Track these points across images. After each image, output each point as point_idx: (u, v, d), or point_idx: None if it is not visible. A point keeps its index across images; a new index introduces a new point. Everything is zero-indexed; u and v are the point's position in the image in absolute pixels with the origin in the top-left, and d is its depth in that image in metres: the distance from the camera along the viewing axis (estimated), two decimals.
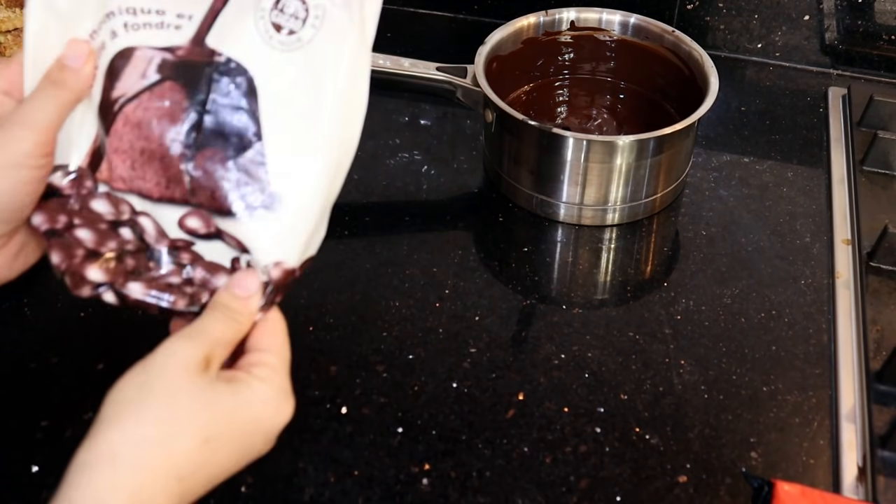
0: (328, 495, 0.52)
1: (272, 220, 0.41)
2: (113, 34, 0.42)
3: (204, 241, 0.43)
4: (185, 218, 0.42)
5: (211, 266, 0.43)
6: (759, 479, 0.51)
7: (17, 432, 0.55)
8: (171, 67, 0.42)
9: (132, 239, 0.43)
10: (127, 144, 0.42)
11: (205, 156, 0.41)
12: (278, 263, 0.42)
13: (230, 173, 0.41)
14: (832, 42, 0.90)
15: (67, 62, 0.41)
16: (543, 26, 0.79)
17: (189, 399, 0.38)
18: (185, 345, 0.39)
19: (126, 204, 0.43)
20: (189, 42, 0.41)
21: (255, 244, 0.42)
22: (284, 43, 0.40)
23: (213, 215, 0.42)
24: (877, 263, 0.66)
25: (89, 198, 0.43)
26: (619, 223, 0.72)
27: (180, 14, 0.42)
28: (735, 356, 0.61)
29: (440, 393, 0.58)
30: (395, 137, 0.80)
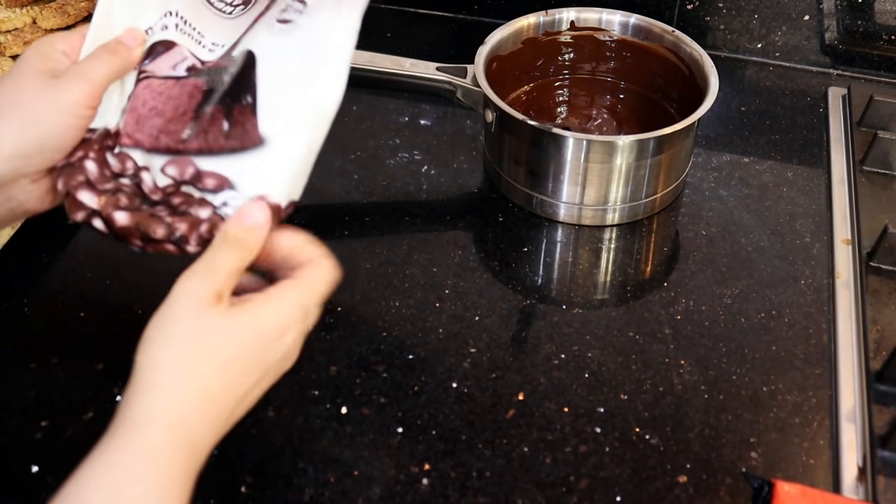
0: (328, 495, 0.52)
1: (257, 157, 0.47)
2: (164, 27, 0.51)
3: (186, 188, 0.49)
4: (165, 166, 0.49)
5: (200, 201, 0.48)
6: (759, 479, 0.51)
7: (17, 432, 0.55)
8: (199, 72, 0.51)
9: (129, 185, 0.49)
10: (139, 103, 0.50)
11: (207, 113, 0.49)
12: (262, 197, 0.46)
13: (225, 120, 0.49)
14: (832, 42, 0.90)
15: (124, 40, 0.50)
16: (543, 26, 0.79)
17: (206, 330, 0.42)
18: (197, 284, 0.43)
19: (130, 160, 0.49)
20: (217, 58, 0.51)
21: (239, 179, 0.47)
22: (283, 31, 0.49)
23: (201, 157, 0.48)
24: (877, 263, 0.66)
25: (105, 150, 0.49)
26: (619, 223, 0.72)
27: (214, 43, 0.51)
28: (735, 356, 0.61)
29: (440, 393, 0.58)
30: (395, 137, 0.80)
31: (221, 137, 0.48)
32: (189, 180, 0.48)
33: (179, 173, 0.48)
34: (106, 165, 0.49)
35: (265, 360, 0.44)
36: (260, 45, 0.50)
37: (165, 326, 0.42)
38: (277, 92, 0.49)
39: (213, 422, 0.42)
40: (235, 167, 0.48)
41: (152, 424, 0.40)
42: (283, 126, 0.48)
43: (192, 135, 0.49)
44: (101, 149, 0.49)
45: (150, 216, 0.47)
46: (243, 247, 0.45)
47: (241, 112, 0.48)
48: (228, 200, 0.47)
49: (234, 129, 0.48)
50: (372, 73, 0.72)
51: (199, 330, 0.42)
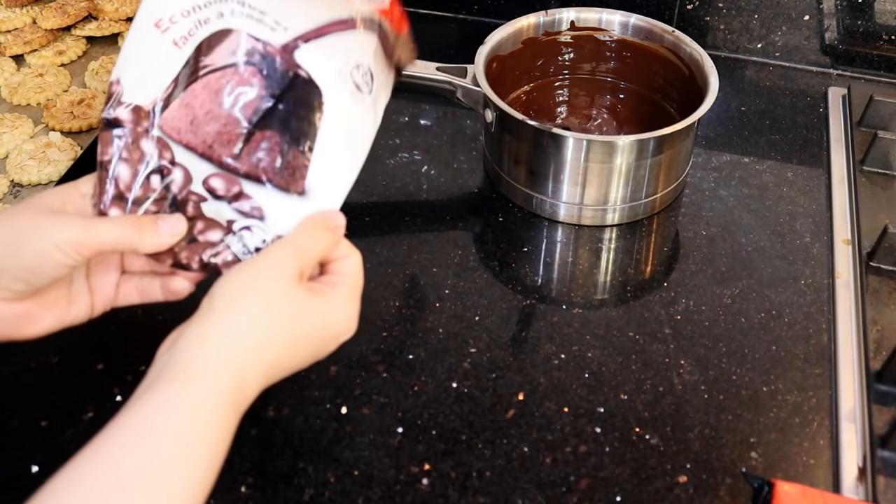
0: (328, 495, 0.52)
1: (297, 204, 0.49)
2: (220, 15, 0.49)
3: (215, 202, 0.50)
4: (210, 177, 0.50)
5: (209, 222, 0.50)
6: (759, 479, 0.51)
7: (17, 432, 0.55)
8: (259, 57, 0.49)
9: (158, 188, 0.50)
10: (197, 103, 0.49)
11: (265, 134, 0.49)
12: (282, 237, 0.49)
13: (279, 156, 0.49)
14: (832, 42, 0.90)
15: (161, 225, 0.48)
16: (543, 26, 0.79)
17: (285, 302, 0.44)
18: (286, 256, 0.45)
19: (170, 150, 0.50)
20: (280, 46, 0.49)
21: (272, 214, 0.50)
22: (353, 95, 0.50)
23: (247, 181, 0.49)
24: (877, 263, 0.66)
25: (142, 136, 0.50)
26: (619, 223, 0.72)
27: (278, 21, 0.49)
28: (735, 356, 0.61)
29: (440, 393, 0.58)
30: (395, 137, 0.80)
31: (272, 171, 0.49)
32: (230, 197, 0.50)
33: (225, 189, 0.50)
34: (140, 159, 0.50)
35: (320, 350, 0.47)
36: (332, 96, 0.50)
37: (248, 280, 0.44)
38: (332, 151, 0.50)
39: (260, 388, 0.44)
40: (272, 202, 0.50)
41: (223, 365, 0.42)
42: (328, 187, 0.50)
43: (243, 153, 0.50)
44: (139, 136, 0.50)
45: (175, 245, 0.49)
46: (331, 238, 0.48)
47: (297, 157, 0.49)
48: (252, 226, 0.50)
49: (285, 170, 0.49)
50: None
51: (280, 298, 0.44)
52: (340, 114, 0.50)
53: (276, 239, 0.49)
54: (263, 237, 0.50)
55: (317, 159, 0.50)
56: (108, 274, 0.51)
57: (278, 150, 0.49)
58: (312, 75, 0.49)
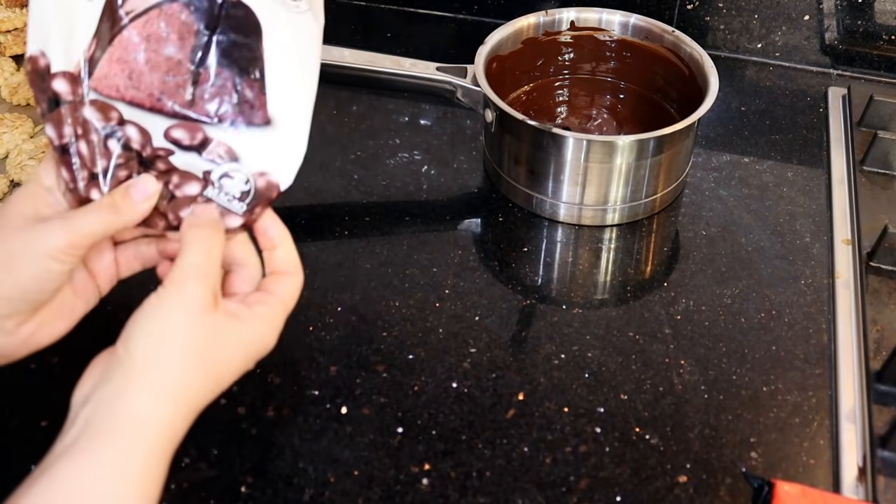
0: (328, 495, 0.52)
1: (266, 135, 0.47)
2: None
3: (183, 153, 0.47)
4: (171, 129, 0.47)
5: (184, 175, 0.47)
6: (759, 479, 0.51)
7: (17, 432, 0.55)
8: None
9: (119, 152, 0.47)
10: (130, 55, 0.46)
11: (211, 72, 0.47)
12: (263, 174, 0.47)
13: (233, 91, 0.47)
14: (832, 42, 0.90)
15: (132, 193, 0.45)
16: (543, 26, 0.79)
17: (203, 336, 0.42)
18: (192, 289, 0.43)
19: (114, 111, 0.47)
20: None
21: (245, 153, 0.47)
22: (286, 5, 0.47)
23: (209, 125, 0.47)
24: (877, 263, 0.66)
25: (80, 104, 0.46)
26: (619, 223, 0.72)
27: None
28: (735, 356, 0.61)
29: (440, 393, 0.58)
30: (395, 137, 0.80)
31: (230, 109, 0.47)
32: (196, 146, 0.47)
33: (189, 138, 0.47)
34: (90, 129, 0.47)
35: (242, 369, 0.45)
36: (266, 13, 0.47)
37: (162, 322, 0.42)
38: (282, 71, 0.48)
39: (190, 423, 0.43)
40: (241, 140, 0.47)
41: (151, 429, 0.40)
42: (290, 110, 0.48)
43: (195, 98, 0.47)
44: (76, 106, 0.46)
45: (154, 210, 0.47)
46: (222, 240, 0.46)
47: (250, 87, 0.47)
48: (230, 171, 0.47)
49: (243, 104, 0.47)
50: (372, 73, 0.72)
51: (198, 334, 0.42)
52: (280, 30, 0.47)
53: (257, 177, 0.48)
54: (245, 179, 0.48)
55: (271, 84, 0.47)
56: (103, 254, 0.49)
57: (231, 85, 0.47)
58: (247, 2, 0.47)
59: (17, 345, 0.46)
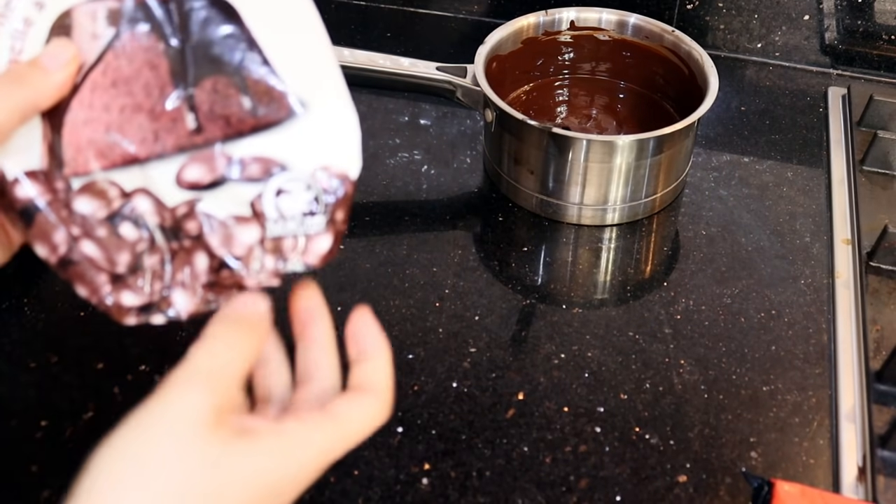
0: (328, 495, 0.52)
1: (303, 124, 0.38)
2: (39, 5, 0.37)
3: (210, 192, 0.38)
4: (183, 171, 0.38)
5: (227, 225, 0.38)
6: (759, 479, 0.51)
7: (17, 432, 0.55)
8: (123, 14, 0.38)
9: (138, 235, 0.38)
10: (101, 111, 0.38)
11: (205, 87, 0.38)
12: (325, 168, 0.38)
13: (241, 93, 0.38)
14: (832, 42, 0.90)
15: (43, 60, 0.36)
16: (543, 26, 0.79)
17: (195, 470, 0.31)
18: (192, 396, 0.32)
19: (113, 186, 0.38)
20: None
21: (289, 155, 0.38)
22: None
23: (228, 143, 0.38)
24: (877, 263, 0.66)
25: (70, 199, 0.38)
26: (619, 223, 0.72)
27: None
28: (735, 356, 0.61)
29: (440, 393, 0.58)
30: (395, 137, 0.80)
31: (247, 115, 0.38)
32: (221, 176, 0.38)
33: (209, 171, 0.37)
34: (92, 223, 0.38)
35: None
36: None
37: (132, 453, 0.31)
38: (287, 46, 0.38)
39: None
40: (276, 143, 0.38)
41: None
42: (317, 84, 0.38)
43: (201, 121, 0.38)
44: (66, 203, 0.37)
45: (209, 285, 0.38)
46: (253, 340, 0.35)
47: (259, 78, 0.38)
48: (283, 186, 0.38)
49: (259, 103, 0.38)
50: (372, 73, 0.72)
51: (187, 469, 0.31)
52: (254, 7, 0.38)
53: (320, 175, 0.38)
54: (306, 185, 0.38)
55: (282, 65, 0.38)
56: None
57: (235, 87, 0.38)
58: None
59: None
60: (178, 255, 0.38)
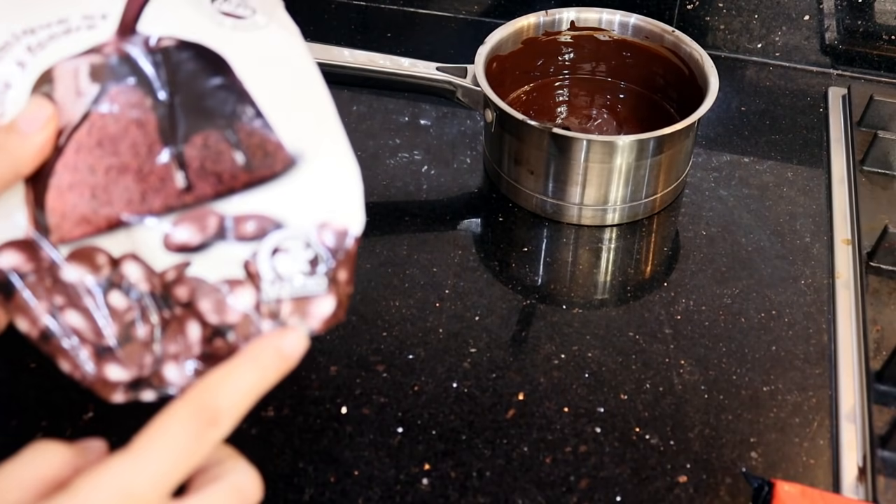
0: (328, 495, 0.52)
1: (300, 177, 0.36)
2: (20, 65, 0.35)
3: (201, 255, 0.36)
4: (171, 234, 0.35)
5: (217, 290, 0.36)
6: (759, 479, 0.51)
7: (17, 432, 0.55)
8: (108, 69, 0.36)
9: (126, 304, 0.36)
10: (86, 173, 0.35)
11: (195, 143, 0.36)
12: (324, 225, 0.36)
13: (234, 148, 0.36)
14: (832, 42, 0.90)
15: (20, 125, 0.33)
16: (543, 26, 0.79)
17: None
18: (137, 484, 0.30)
19: (100, 253, 0.36)
20: (115, 35, 0.36)
21: (288, 212, 0.36)
22: (240, 27, 0.37)
23: (220, 200, 0.36)
24: (877, 263, 0.66)
25: (56, 270, 0.36)
26: (619, 223, 0.72)
27: (87, 15, 0.36)
28: (735, 356, 0.61)
29: (440, 393, 0.58)
30: (395, 137, 0.80)
31: (240, 170, 0.36)
32: (213, 236, 0.35)
33: (199, 230, 0.35)
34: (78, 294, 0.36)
35: None
36: (214, 39, 0.37)
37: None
38: (281, 97, 0.37)
39: None
40: (271, 200, 0.36)
41: None
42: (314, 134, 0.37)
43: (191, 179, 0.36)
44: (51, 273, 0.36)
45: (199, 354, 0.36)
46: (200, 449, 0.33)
47: (252, 131, 0.36)
48: (280, 245, 0.36)
49: (252, 158, 0.36)
50: (372, 73, 0.72)
51: None
52: (249, 52, 0.37)
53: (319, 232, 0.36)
54: (304, 244, 0.36)
55: (275, 116, 0.36)
56: None
57: (227, 142, 0.36)
58: (181, 36, 0.36)
59: None
60: (170, 325, 0.36)
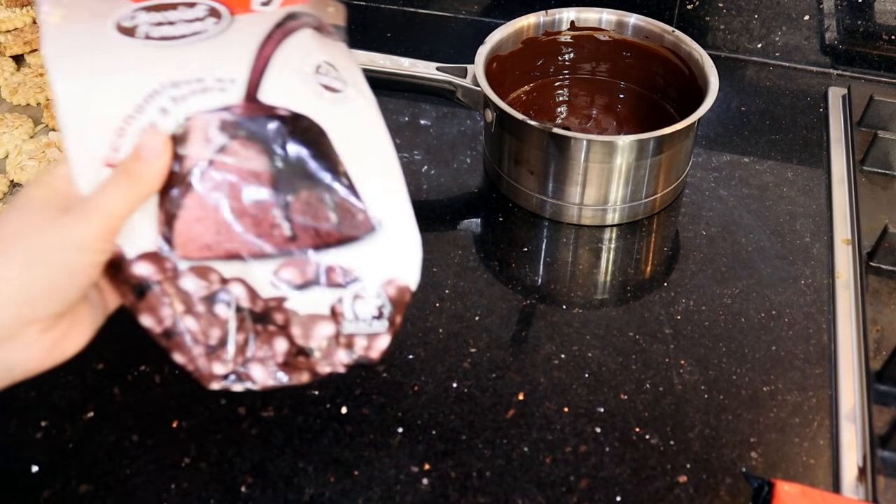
0: (328, 495, 0.52)
1: (377, 240, 0.44)
2: (163, 111, 0.42)
3: (299, 292, 0.44)
4: (278, 272, 0.44)
5: (308, 320, 0.44)
6: (759, 479, 0.51)
7: (17, 432, 0.55)
8: (234, 125, 0.43)
9: (230, 315, 0.44)
10: (210, 211, 0.43)
11: (300, 200, 0.44)
12: (391, 281, 0.45)
13: (329, 210, 0.44)
14: (832, 42, 0.90)
15: (142, 153, 0.41)
16: (543, 26, 0.79)
17: None
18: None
19: (213, 272, 0.44)
20: (242, 100, 0.43)
21: (364, 267, 0.44)
22: (335, 99, 0.45)
23: (317, 252, 0.44)
24: (877, 263, 0.66)
25: (177, 278, 0.43)
26: (619, 223, 0.72)
27: (220, 78, 0.43)
28: (735, 356, 0.61)
29: (440, 393, 0.58)
30: (395, 137, 0.80)
31: (333, 229, 0.44)
32: (310, 280, 0.44)
33: (300, 275, 0.44)
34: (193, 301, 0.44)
35: None
36: (316, 112, 0.44)
37: None
38: (365, 167, 0.45)
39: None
40: (355, 256, 0.44)
41: None
42: (389, 204, 0.45)
43: (295, 230, 0.44)
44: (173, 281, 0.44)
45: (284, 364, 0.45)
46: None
47: (344, 196, 0.44)
48: (359, 293, 0.44)
49: (343, 220, 0.44)
50: (372, 73, 0.72)
51: None
52: (343, 126, 0.45)
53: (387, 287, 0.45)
54: (376, 294, 0.45)
55: (361, 185, 0.44)
56: None
57: (325, 203, 0.44)
58: (291, 107, 0.44)
59: (41, 355, 0.42)
60: (262, 336, 0.45)
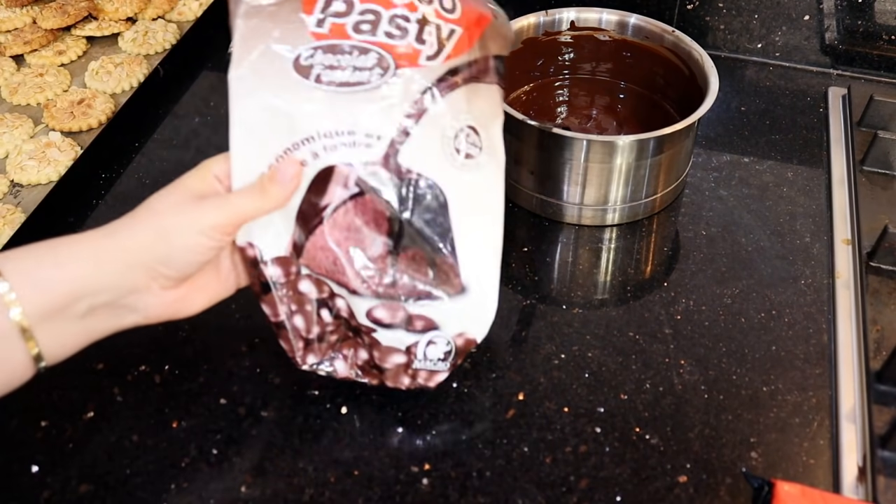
0: (328, 495, 0.52)
1: (462, 301, 0.51)
2: (314, 155, 0.49)
3: (384, 329, 0.52)
4: (373, 310, 0.51)
5: (388, 350, 0.53)
6: (759, 479, 0.51)
7: (17, 432, 0.55)
8: (371, 181, 0.49)
9: (331, 321, 0.53)
10: (333, 244, 0.50)
11: (407, 255, 0.50)
12: (461, 334, 0.52)
13: (429, 268, 0.51)
14: (832, 42, 0.90)
15: (278, 176, 0.49)
16: (543, 26, 0.79)
17: None
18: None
19: (326, 285, 0.52)
20: (381, 159, 0.49)
21: (444, 320, 0.52)
22: (467, 166, 0.50)
23: (409, 301, 0.51)
24: (877, 263, 0.66)
25: (297, 280, 0.52)
26: (619, 223, 0.72)
27: (369, 134, 0.48)
28: (735, 356, 0.61)
29: (440, 393, 0.58)
30: None
31: (429, 286, 0.51)
32: (398, 323, 0.52)
33: (390, 317, 0.51)
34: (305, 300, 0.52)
35: None
36: (445, 179, 0.49)
37: None
38: (470, 237, 0.50)
39: None
40: (440, 310, 0.51)
41: None
42: (481, 272, 0.51)
43: (396, 279, 0.51)
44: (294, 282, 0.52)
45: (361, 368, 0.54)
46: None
47: (444, 259, 0.50)
48: (433, 339, 0.52)
49: (438, 278, 0.51)
50: None
51: None
52: (464, 194, 0.50)
53: (457, 338, 0.52)
54: (446, 341, 0.52)
55: (462, 252, 0.50)
56: None
57: (426, 262, 0.50)
58: (423, 173, 0.49)
59: (160, 307, 0.49)
60: (349, 341, 0.54)
